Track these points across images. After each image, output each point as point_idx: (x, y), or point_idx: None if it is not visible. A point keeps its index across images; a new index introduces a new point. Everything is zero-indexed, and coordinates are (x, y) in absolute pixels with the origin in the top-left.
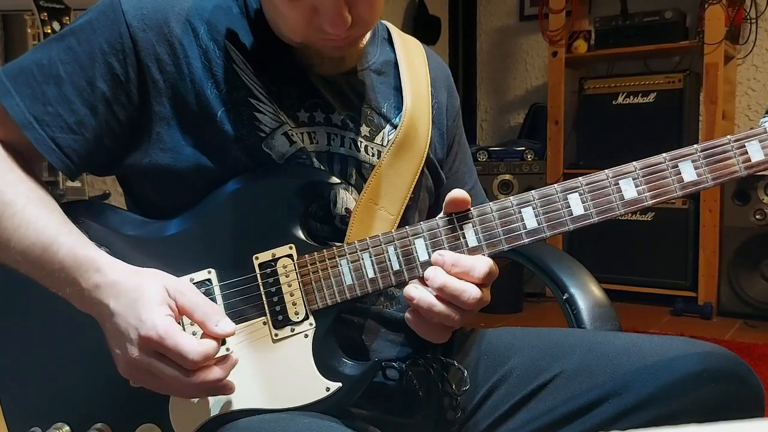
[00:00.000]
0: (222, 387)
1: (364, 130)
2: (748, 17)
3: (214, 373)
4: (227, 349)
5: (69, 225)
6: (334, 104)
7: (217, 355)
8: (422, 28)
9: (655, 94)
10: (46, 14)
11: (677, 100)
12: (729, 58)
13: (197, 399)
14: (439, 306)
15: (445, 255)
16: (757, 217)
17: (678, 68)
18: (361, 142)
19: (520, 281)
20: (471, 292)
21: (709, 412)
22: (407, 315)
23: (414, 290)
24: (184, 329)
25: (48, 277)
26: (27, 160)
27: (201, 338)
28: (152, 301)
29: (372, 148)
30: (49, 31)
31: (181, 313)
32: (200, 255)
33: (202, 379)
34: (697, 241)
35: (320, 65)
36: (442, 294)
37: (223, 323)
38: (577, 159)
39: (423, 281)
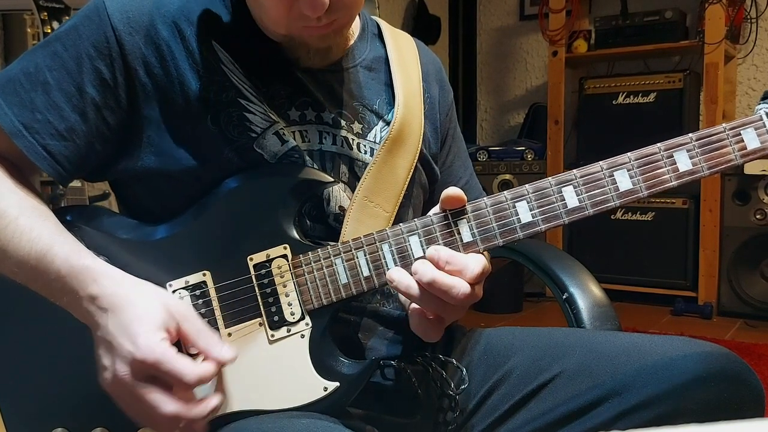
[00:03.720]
0: (194, 430)
1: (356, 127)
2: (748, 17)
3: (193, 410)
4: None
5: (64, 233)
6: (325, 102)
7: (209, 384)
8: (422, 28)
9: (655, 93)
10: (46, 14)
11: (677, 99)
12: (729, 57)
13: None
14: (417, 288)
15: (441, 251)
16: (757, 217)
17: (678, 68)
18: (353, 139)
19: (520, 281)
20: (460, 288)
21: (710, 411)
22: (409, 308)
23: (396, 272)
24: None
25: (45, 287)
26: (19, 170)
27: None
28: (150, 323)
29: (364, 146)
30: (49, 30)
31: (181, 338)
32: (195, 257)
33: (180, 412)
34: (697, 241)
35: (307, 58)
36: (432, 290)
37: (225, 349)
38: (578, 159)
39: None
